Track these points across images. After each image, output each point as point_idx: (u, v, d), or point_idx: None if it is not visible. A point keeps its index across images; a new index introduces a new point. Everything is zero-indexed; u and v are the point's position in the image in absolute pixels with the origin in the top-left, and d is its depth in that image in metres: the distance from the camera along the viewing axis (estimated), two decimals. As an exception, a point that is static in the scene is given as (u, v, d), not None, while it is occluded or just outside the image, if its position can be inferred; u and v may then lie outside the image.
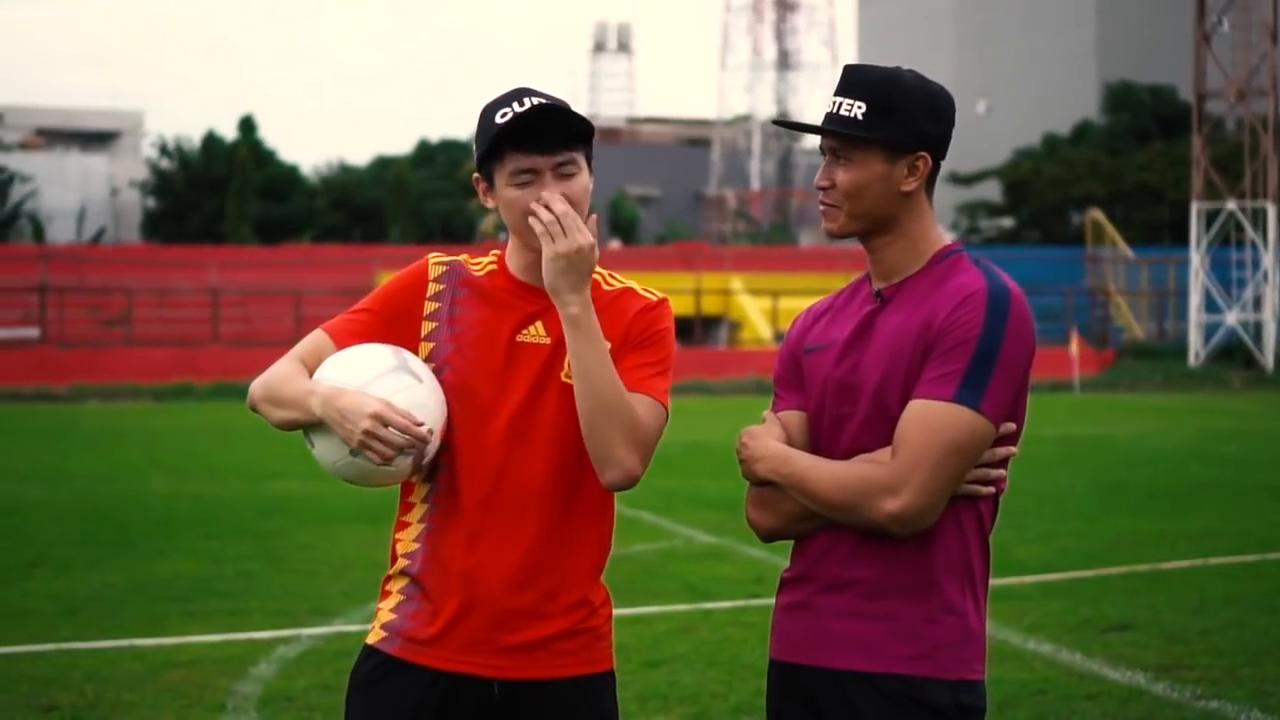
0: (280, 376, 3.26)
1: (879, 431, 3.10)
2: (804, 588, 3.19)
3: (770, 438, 3.19)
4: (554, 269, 3.15)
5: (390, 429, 3.09)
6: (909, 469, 3.02)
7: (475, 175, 3.35)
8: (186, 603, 9.78)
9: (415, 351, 3.29)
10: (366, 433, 3.09)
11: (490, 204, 3.33)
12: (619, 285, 3.41)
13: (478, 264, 3.39)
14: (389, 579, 3.36)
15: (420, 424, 3.14)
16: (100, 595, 10.09)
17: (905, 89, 3.13)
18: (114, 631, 8.87)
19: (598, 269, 3.35)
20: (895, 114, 3.11)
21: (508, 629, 3.23)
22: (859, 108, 3.12)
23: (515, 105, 3.23)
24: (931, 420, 3.02)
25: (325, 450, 3.20)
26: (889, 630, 3.08)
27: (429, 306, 3.32)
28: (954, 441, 3.01)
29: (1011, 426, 3.12)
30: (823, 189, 3.19)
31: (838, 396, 3.17)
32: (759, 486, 3.21)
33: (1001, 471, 3.13)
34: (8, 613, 9.49)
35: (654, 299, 3.39)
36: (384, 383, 3.17)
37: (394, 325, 3.31)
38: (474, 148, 3.34)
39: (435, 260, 3.38)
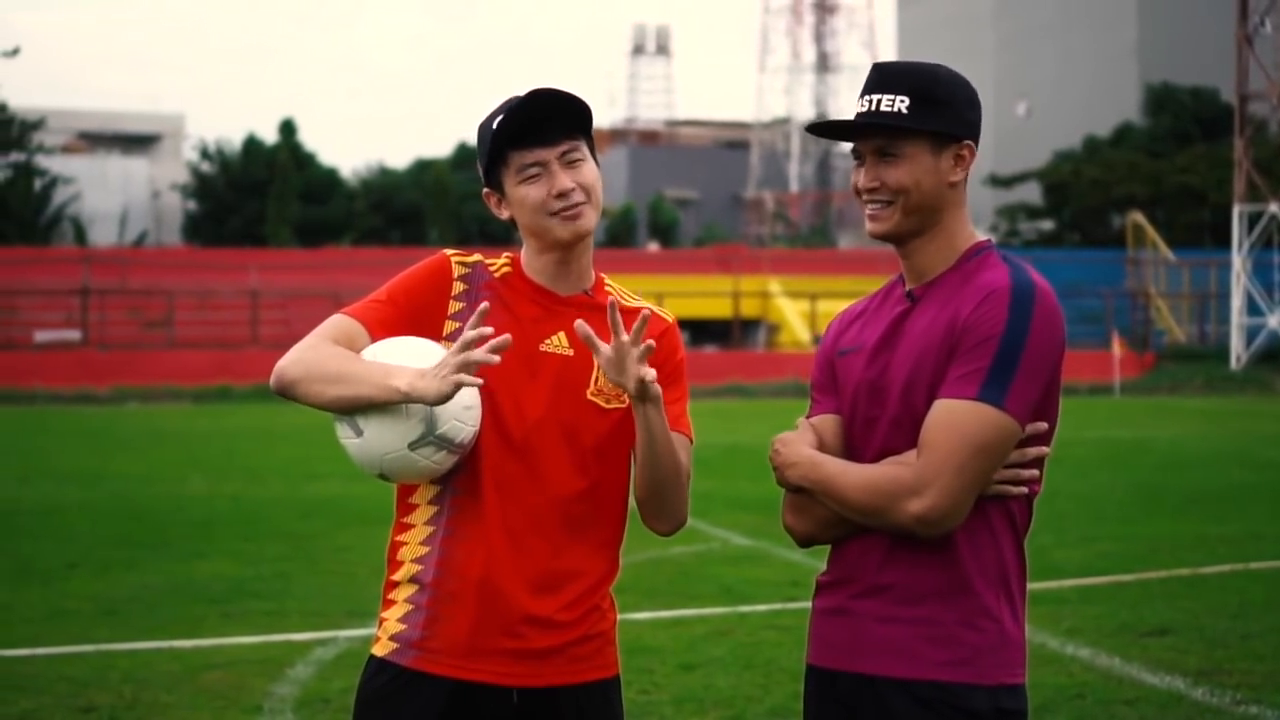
0: (328, 355, 3.13)
1: (908, 432, 3.06)
2: (841, 592, 3.17)
3: (802, 444, 3.15)
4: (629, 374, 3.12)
5: (461, 360, 2.98)
6: (933, 470, 2.97)
7: (486, 191, 3.34)
8: (224, 604, 9.81)
9: None
10: (450, 374, 2.98)
11: (505, 215, 3.32)
12: (636, 302, 3.41)
13: (493, 264, 3.34)
14: (393, 586, 3.28)
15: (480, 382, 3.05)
16: (138, 596, 10.13)
17: (942, 79, 3.10)
18: (152, 632, 8.91)
19: (608, 281, 3.40)
20: (939, 104, 3.07)
21: (527, 636, 3.21)
22: (902, 101, 3.06)
23: (509, 106, 3.26)
24: (954, 420, 2.97)
25: (380, 437, 3.08)
26: (926, 635, 3.04)
27: (453, 306, 3.27)
28: (977, 441, 2.96)
29: (1043, 426, 3.07)
30: (871, 190, 3.12)
31: (869, 398, 3.13)
32: (793, 493, 3.18)
33: (1034, 472, 3.07)
34: (47, 613, 9.53)
35: (669, 320, 3.43)
36: None
37: (417, 321, 3.23)
38: (478, 167, 3.34)
39: (457, 259, 3.32)
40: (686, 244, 71.61)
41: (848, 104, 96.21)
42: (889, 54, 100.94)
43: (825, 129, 3.22)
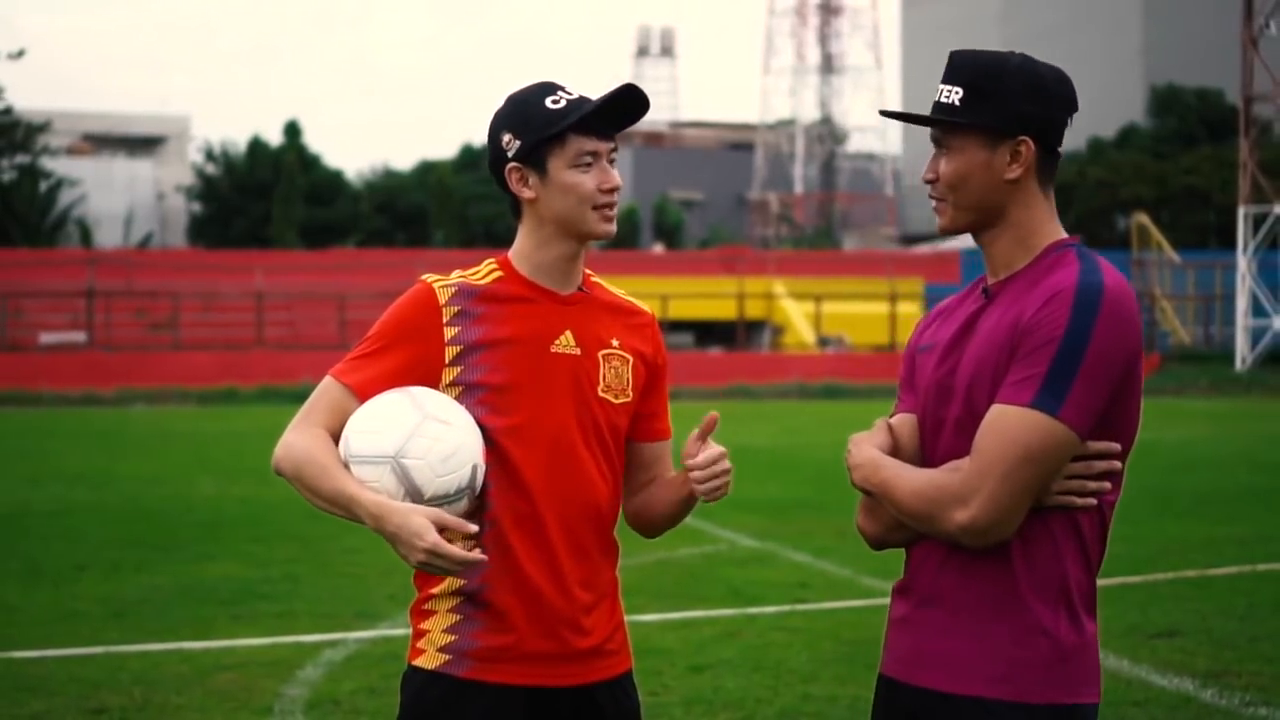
0: (313, 462, 3.12)
1: (970, 434, 2.94)
2: (906, 601, 3.08)
3: (870, 444, 3.07)
4: None
5: (444, 559, 3.01)
6: (979, 479, 2.87)
7: (513, 166, 3.24)
8: (234, 605, 9.83)
9: (438, 380, 3.20)
10: (421, 563, 3.04)
11: (528, 194, 3.24)
12: (620, 294, 3.44)
13: (477, 274, 3.29)
14: (430, 598, 3.29)
15: (473, 530, 3.08)
16: (148, 598, 10.14)
17: (1005, 71, 2.97)
18: (162, 634, 8.93)
19: (593, 275, 3.41)
20: (992, 97, 2.95)
21: (573, 636, 3.25)
22: (956, 93, 2.97)
23: (564, 93, 3.22)
24: (1005, 426, 2.86)
25: None
26: (975, 649, 2.95)
27: (449, 331, 3.21)
28: (1026, 450, 2.84)
29: (1116, 447, 2.96)
30: (929, 182, 3.04)
31: (937, 398, 3.04)
32: (866, 494, 3.09)
33: (1103, 483, 2.95)
34: (56, 615, 9.55)
35: (649, 311, 3.46)
36: (415, 443, 3.08)
37: (415, 360, 3.20)
38: (505, 137, 3.24)
39: (439, 284, 3.26)
40: (691, 245, 71.65)
41: (852, 105, 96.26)
42: (893, 56, 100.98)
43: (894, 116, 3.20)
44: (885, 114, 3.25)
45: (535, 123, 3.21)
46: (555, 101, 3.21)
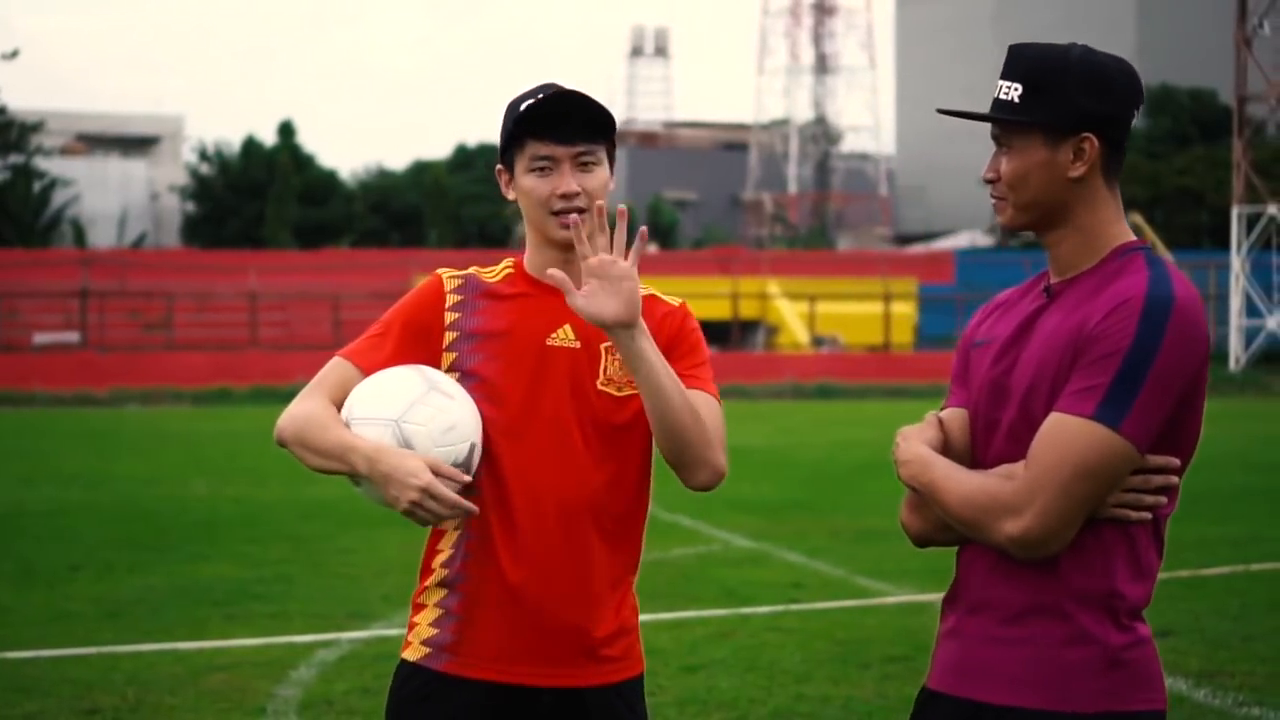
0: (314, 422, 3.19)
1: (1024, 440, 2.85)
2: (955, 611, 2.99)
3: (920, 440, 2.97)
4: (606, 301, 3.09)
5: (436, 501, 3.02)
6: (1033, 490, 2.78)
7: (498, 167, 3.35)
8: (227, 606, 9.82)
9: (437, 365, 3.25)
10: (413, 503, 3.03)
11: (511, 195, 3.33)
12: (643, 290, 3.36)
13: (491, 271, 3.36)
14: (424, 591, 3.30)
15: (467, 480, 3.10)
16: (142, 598, 10.14)
17: (1065, 65, 2.86)
18: (155, 634, 8.93)
19: None
20: (1052, 93, 2.84)
21: (557, 637, 3.21)
22: (1015, 89, 2.87)
23: (544, 96, 3.25)
24: (1063, 437, 2.76)
25: (372, 492, 3.14)
26: (1022, 657, 2.86)
27: (449, 317, 3.28)
28: (1085, 463, 2.75)
29: (1175, 462, 2.87)
30: (989, 181, 2.95)
31: (991, 398, 2.94)
32: (912, 489, 3.00)
33: (1159, 498, 2.87)
34: (50, 615, 9.54)
35: (677, 304, 3.37)
36: (418, 410, 3.11)
37: (416, 343, 3.27)
38: (499, 141, 3.35)
39: (449, 275, 3.34)
40: (685, 245, 71.70)
41: (846, 105, 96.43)
42: (887, 56, 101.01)
43: (955, 114, 3.05)
44: (944, 111, 3.12)
45: (505, 125, 3.30)
46: (526, 105, 3.25)
